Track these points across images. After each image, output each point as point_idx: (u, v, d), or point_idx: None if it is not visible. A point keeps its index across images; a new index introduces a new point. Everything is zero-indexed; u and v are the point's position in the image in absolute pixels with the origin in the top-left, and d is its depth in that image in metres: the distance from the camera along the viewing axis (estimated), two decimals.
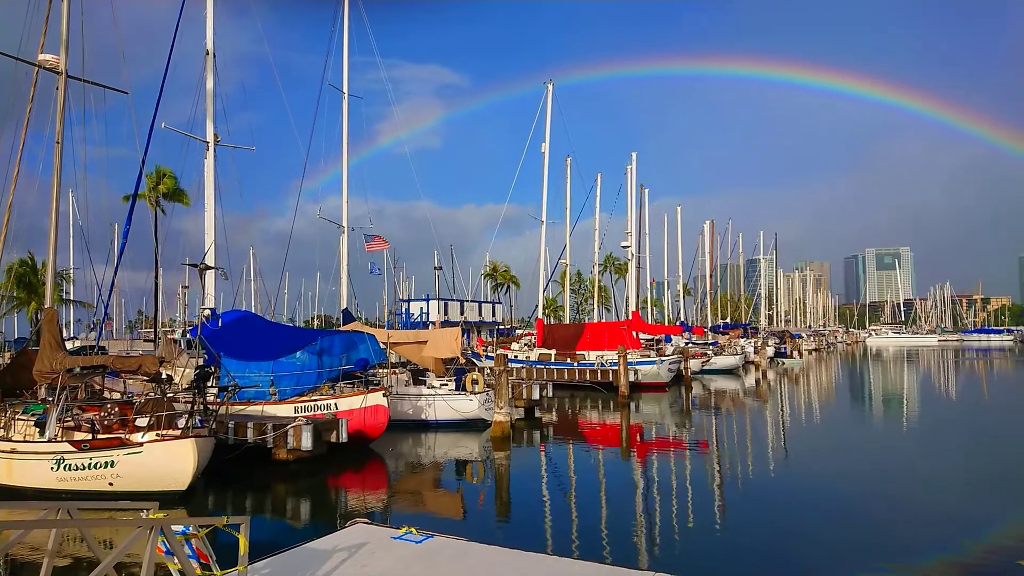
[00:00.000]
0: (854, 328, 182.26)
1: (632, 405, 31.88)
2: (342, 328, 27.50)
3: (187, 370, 18.60)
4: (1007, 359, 75.38)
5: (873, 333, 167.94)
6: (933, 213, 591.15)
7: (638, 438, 23.89)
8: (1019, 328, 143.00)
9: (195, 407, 15.17)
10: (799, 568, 10.35)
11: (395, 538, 5.85)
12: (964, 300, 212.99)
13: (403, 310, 61.60)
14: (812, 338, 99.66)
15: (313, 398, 19.92)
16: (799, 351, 75.96)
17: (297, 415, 18.75)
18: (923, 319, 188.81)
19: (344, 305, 31.09)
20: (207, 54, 24.98)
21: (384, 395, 19.87)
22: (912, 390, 43.28)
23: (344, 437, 18.28)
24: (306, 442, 17.09)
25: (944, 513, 13.37)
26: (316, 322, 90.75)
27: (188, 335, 34.61)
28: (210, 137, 24.90)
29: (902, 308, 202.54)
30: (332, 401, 19.70)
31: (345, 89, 31.34)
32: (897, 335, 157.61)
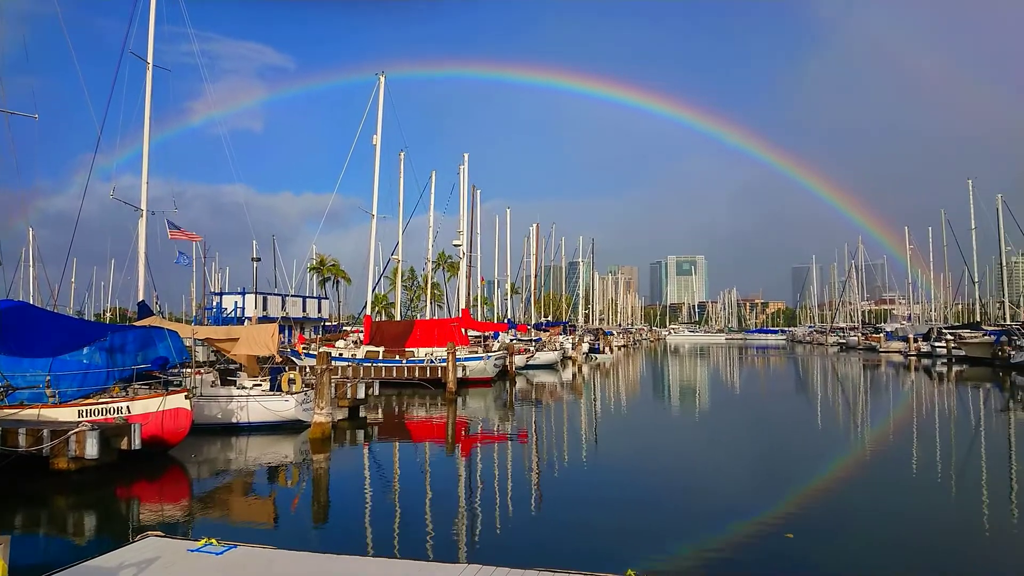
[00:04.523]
0: (657, 326, 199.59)
1: (459, 400, 32.16)
2: (138, 323, 24.77)
3: None
4: (780, 355, 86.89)
5: (672, 331, 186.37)
6: (723, 225, 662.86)
7: (463, 433, 24.13)
8: (790, 329, 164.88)
9: None
10: (601, 552, 10.99)
11: (192, 551, 5.28)
12: (748, 304, 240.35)
13: (214, 304, 57.15)
14: (622, 335, 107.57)
15: (101, 401, 17.74)
16: (611, 347, 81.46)
17: (81, 420, 16.60)
18: (714, 319, 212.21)
19: (141, 297, 28.07)
20: None
21: (187, 397, 18.20)
22: (703, 382, 48.79)
23: (137, 444, 16.45)
24: (91, 449, 15.18)
25: (727, 495, 14.90)
26: (109, 316, 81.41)
27: None
28: None
29: (697, 309, 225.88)
30: (124, 404, 17.68)
31: (150, 59, 28.27)
32: (692, 333, 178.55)
